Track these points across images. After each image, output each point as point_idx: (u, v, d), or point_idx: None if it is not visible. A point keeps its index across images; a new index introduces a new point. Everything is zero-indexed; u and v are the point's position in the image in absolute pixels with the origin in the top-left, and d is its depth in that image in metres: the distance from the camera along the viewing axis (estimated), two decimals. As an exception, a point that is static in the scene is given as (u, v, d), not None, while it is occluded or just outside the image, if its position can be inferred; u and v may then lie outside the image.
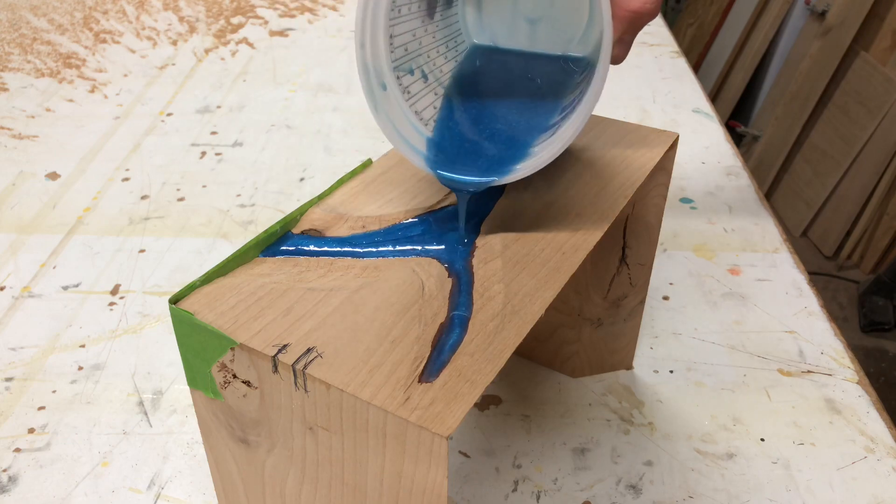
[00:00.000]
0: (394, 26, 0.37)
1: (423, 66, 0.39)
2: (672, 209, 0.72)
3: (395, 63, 0.37)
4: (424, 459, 0.27)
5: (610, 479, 0.47)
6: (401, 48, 0.38)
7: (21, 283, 0.62)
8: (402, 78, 0.38)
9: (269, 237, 0.35)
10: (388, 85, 0.37)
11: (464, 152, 0.37)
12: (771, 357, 0.56)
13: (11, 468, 0.47)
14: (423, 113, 0.38)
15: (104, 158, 0.79)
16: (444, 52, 0.41)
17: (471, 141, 0.38)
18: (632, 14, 0.33)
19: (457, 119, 0.39)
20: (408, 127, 0.37)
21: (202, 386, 0.33)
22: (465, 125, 0.39)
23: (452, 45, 0.42)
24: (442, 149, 0.37)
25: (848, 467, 0.47)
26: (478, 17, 0.42)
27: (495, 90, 0.41)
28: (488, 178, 0.35)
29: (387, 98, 0.37)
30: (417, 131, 0.37)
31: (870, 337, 1.52)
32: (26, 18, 1.13)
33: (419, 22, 0.39)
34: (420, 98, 0.39)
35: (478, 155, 0.37)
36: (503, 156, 0.37)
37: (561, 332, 0.53)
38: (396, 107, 0.37)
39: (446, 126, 0.39)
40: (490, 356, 0.29)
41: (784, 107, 1.78)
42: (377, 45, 0.36)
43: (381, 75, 0.37)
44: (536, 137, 0.37)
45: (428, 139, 0.37)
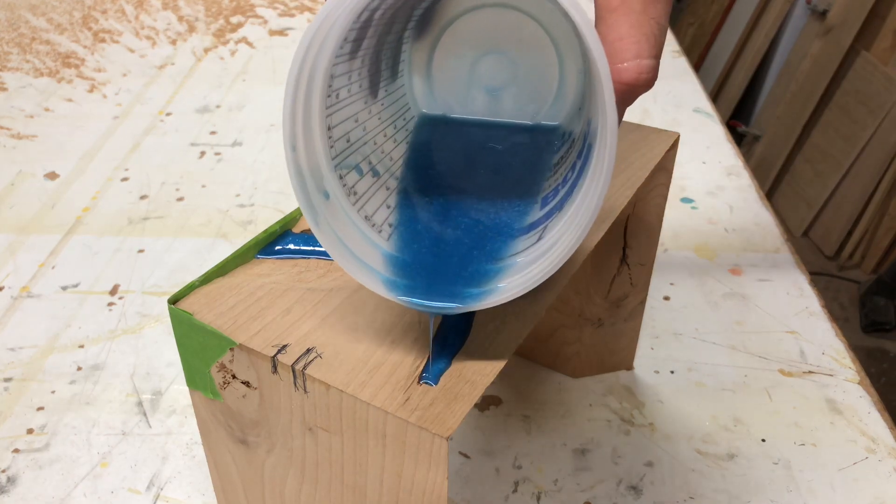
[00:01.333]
0: (331, 115, 0.29)
1: (371, 157, 0.32)
2: (672, 209, 0.72)
3: (335, 160, 0.29)
4: (424, 460, 0.27)
5: (610, 479, 0.47)
6: (342, 140, 0.30)
7: (20, 284, 0.62)
8: (345, 177, 0.30)
9: (269, 237, 0.35)
10: (331, 191, 0.29)
11: (429, 266, 0.30)
12: (772, 357, 0.55)
13: (10, 469, 0.47)
14: (375, 217, 0.31)
15: (103, 158, 0.79)
16: (392, 135, 0.34)
17: (437, 249, 0.31)
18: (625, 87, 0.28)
19: (416, 222, 0.32)
20: (358, 239, 0.29)
21: (201, 386, 0.33)
22: (427, 228, 0.31)
23: (401, 124, 0.34)
24: (403, 264, 0.30)
25: (849, 468, 0.47)
26: (427, 87, 0.36)
27: (457, 174, 0.34)
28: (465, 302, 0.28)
29: (330, 208, 0.29)
30: (370, 243, 0.30)
31: (871, 337, 1.52)
32: (25, 18, 1.13)
33: (361, 104, 0.31)
34: (369, 199, 0.31)
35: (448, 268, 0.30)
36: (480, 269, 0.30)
37: (561, 333, 0.52)
38: (342, 215, 0.29)
39: (405, 231, 0.31)
40: (490, 356, 0.29)
41: (785, 106, 1.78)
42: (313, 142, 0.28)
43: (320, 181, 0.28)
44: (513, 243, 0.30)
45: (385, 254, 0.30)
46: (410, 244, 0.31)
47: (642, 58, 0.27)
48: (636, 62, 0.27)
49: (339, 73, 0.28)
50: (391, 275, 0.29)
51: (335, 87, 0.29)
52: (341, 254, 0.28)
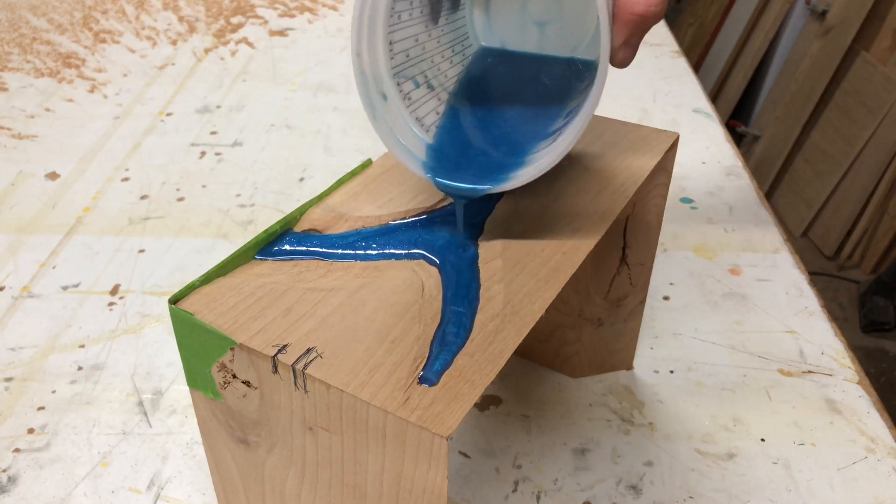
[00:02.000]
0: (393, 32, 0.36)
1: (427, 72, 0.39)
2: (672, 209, 0.72)
3: (395, 70, 0.36)
4: (424, 460, 0.27)
5: (610, 479, 0.47)
6: (401, 54, 0.37)
7: (20, 283, 0.62)
8: (402, 84, 0.37)
9: (269, 237, 0.35)
10: (389, 94, 0.36)
11: (463, 158, 0.37)
12: (771, 357, 0.55)
13: (11, 468, 0.47)
14: (425, 119, 0.38)
15: (104, 158, 0.79)
16: (449, 57, 0.40)
17: (471, 147, 0.37)
18: (637, 17, 0.32)
19: (459, 125, 0.38)
20: (408, 134, 0.37)
21: (202, 386, 0.33)
22: (466, 131, 0.38)
23: (459, 49, 0.41)
24: (441, 155, 0.37)
25: (848, 467, 0.47)
26: (486, 20, 0.42)
27: (501, 94, 0.40)
28: (483, 185, 0.35)
29: (387, 107, 0.36)
30: (417, 137, 0.37)
31: (870, 337, 1.52)
32: (26, 18, 1.13)
33: (422, 27, 0.38)
34: (422, 104, 0.38)
35: (476, 161, 0.36)
36: (502, 163, 0.36)
37: (561, 332, 0.53)
38: (396, 114, 0.36)
39: (447, 132, 0.38)
40: (490, 356, 0.29)
41: (784, 107, 1.78)
42: (375, 52, 0.35)
43: (380, 84, 0.36)
44: (537, 144, 0.37)
45: (427, 145, 0.37)
46: (450, 140, 0.37)
47: None
48: None
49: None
50: (430, 160, 0.36)
51: (397, 10, 0.36)
52: (390, 141, 0.36)
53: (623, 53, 0.34)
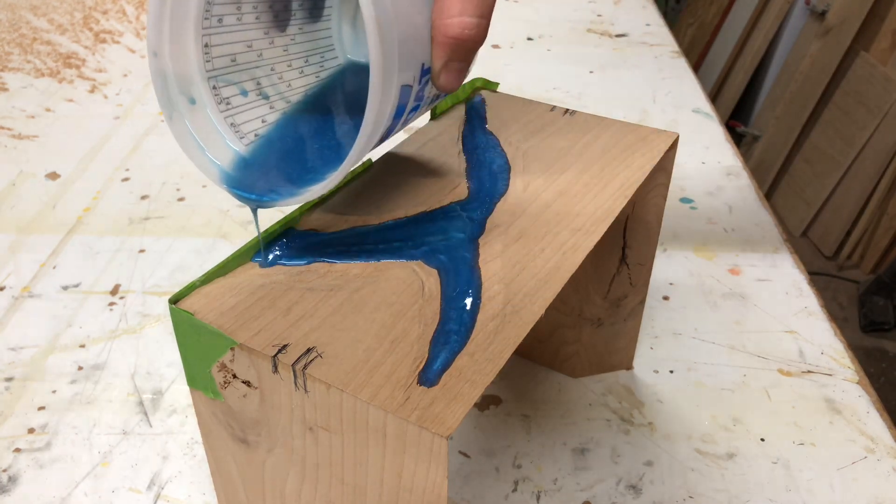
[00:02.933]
0: (210, 35, 0.33)
1: (262, 79, 0.36)
2: (672, 209, 0.72)
3: (211, 73, 0.34)
4: (424, 459, 0.27)
5: (610, 479, 0.47)
6: (224, 58, 0.35)
7: (21, 283, 0.62)
8: (221, 89, 0.35)
9: (269, 237, 0.35)
10: (199, 97, 0.34)
11: (273, 168, 0.35)
12: (771, 357, 0.56)
13: (11, 468, 0.47)
14: (244, 126, 0.35)
15: (104, 158, 0.79)
16: (299, 67, 0.38)
17: (286, 158, 0.35)
18: (451, 40, 0.31)
19: (285, 135, 0.36)
20: (214, 139, 0.34)
21: (202, 386, 0.33)
22: (289, 141, 0.36)
23: (316, 61, 0.39)
24: (248, 163, 0.35)
25: (848, 467, 0.47)
26: (353, 34, 0.40)
27: (345, 108, 0.38)
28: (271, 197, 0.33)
29: (193, 110, 0.34)
30: (226, 144, 0.35)
31: (870, 337, 1.52)
32: (26, 18, 1.13)
33: (260, 34, 0.36)
34: (244, 111, 0.36)
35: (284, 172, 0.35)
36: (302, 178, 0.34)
37: (561, 332, 0.53)
38: (204, 119, 0.34)
39: (267, 141, 0.36)
40: (490, 356, 0.29)
41: (784, 107, 1.78)
42: (184, 54, 0.33)
43: (187, 86, 0.34)
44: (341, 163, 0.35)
45: (235, 152, 0.35)
46: (266, 148, 0.35)
47: (465, 15, 0.30)
48: (460, 18, 0.30)
49: (220, 2, 0.33)
50: (232, 171, 0.34)
51: (216, 13, 0.33)
52: (190, 145, 0.33)
53: (444, 77, 0.32)
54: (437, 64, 0.32)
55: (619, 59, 1.01)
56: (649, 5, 1.19)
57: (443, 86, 0.33)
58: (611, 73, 0.98)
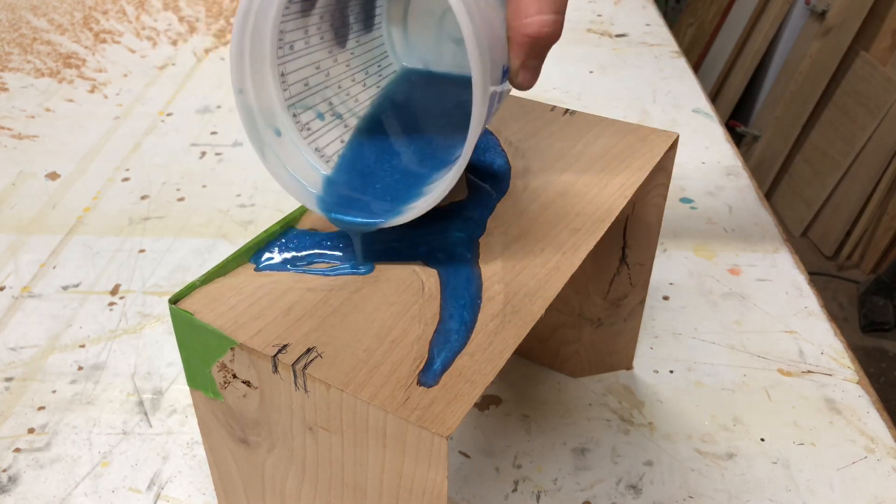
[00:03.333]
0: (284, 64, 0.33)
1: (332, 98, 0.36)
2: (672, 209, 0.72)
3: (290, 101, 0.34)
4: (424, 459, 0.27)
5: (610, 479, 0.47)
6: (298, 84, 0.34)
7: (21, 283, 0.62)
8: (300, 115, 0.34)
9: (269, 237, 0.35)
10: (283, 129, 0.34)
11: (361, 189, 0.34)
12: (771, 357, 0.56)
13: (11, 468, 0.47)
14: (326, 149, 0.35)
15: (104, 158, 0.79)
16: (362, 80, 0.38)
17: (371, 177, 0.35)
18: (530, 39, 0.31)
19: (362, 153, 0.36)
20: (303, 166, 0.34)
21: (202, 386, 0.33)
22: (369, 160, 0.36)
23: (374, 71, 0.38)
24: (337, 187, 0.34)
25: (848, 467, 0.47)
26: (404, 38, 0.39)
27: (415, 117, 0.38)
28: (376, 220, 0.33)
29: (280, 142, 0.33)
30: (314, 169, 0.34)
31: (870, 337, 1.52)
32: (26, 18, 1.13)
33: (325, 53, 0.35)
34: (324, 134, 0.35)
35: (374, 192, 0.34)
36: (400, 194, 0.34)
37: (561, 332, 0.53)
38: (291, 148, 0.34)
39: (348, 161, 0.36)
40: (490, 356, 0.29)
41: (784, 107, 1.78)
42: (264, 86, 0.33)
43: (271, 119, 0.33)
44: (437, 174, 0.35)
45: (324, 177, 0.35)
46: (349, 170, 0.35)
47: (543, 13, 0.30)
48: (538, 17, 0.30)
49: (290, 29, 0.33)
50: (325, 194, 0.34)
51: (288, 41, 0.33)
52: (285, 179, 0.33)
53: (522, 76, 0.33)
54: (516, 63, 0.32)
55: (619, 59, 1.01)
56: (649, 5, 1.19)
57: (521, 84, 0.33)
58: (611, 73, 0.98)
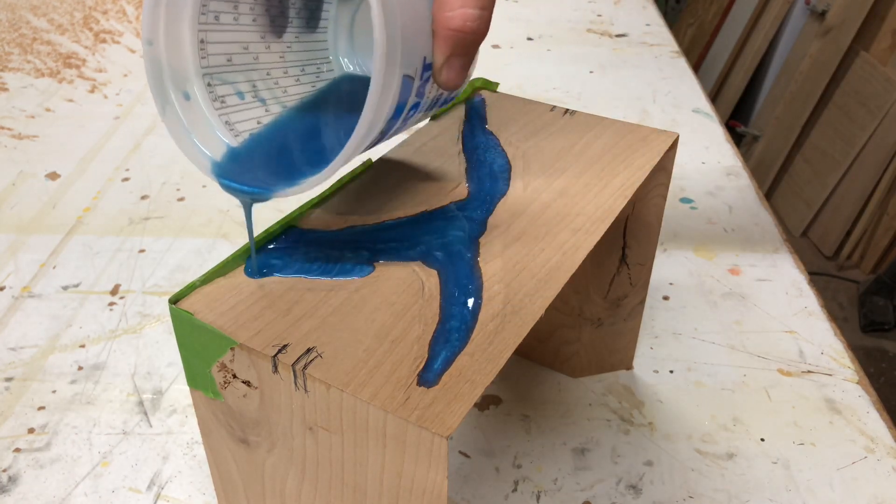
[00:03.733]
0: (207, 32, 0.34)
1: (257, 82, 0.37)
2: (672, 209, 0.72)
3: (206, 70, 0.34)
4: (424, 459, 0.27)
5: (610, 479, 0.47)
6: (220, 56, 0.35)
7: (21, 283, 0.62)
8: (217, 87, 0.35)
9: (269, 237, 0.35)
10: (193, 94, 0.34)
11: (263, 165, 0.35)
12: (771, 357, 0.56)
13: (11, 468, 0.47)
14: (239, 125, 0.36)
15: (104, 158, 0.79)
16: (295, 75, 0.39)
17: (277, 156, 0.36)
18: (453, 33, 0.30)
19: (276, 135, 0.37)
20: (207, 134, 0.35)
21: (202, 386, 0.33)
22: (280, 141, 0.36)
23: (312, 70, 0.39)
24: (240, 159, 0.35)
25: (848, 467, 0.47)
26: (349, 47, 0.41)
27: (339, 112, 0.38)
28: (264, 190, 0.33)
29: (188, 106, 0.34)
30: (218, 139, 0.35)
31: (870, 337, 1.52)
32: (26, 18, 1.13)
33: (256, 37, 0.36)
34: (239, 111, 0.36)
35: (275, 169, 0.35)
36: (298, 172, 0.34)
37: (561, 332, 0.53)
38: (198, 114, 0.34)
39: (259, 139, 0.36)
40: (490, 356, 0.29)
41: (784, 107, 1.78)
42: (179, 47, 0.33)
43: (182, 82, 0.34)
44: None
45: (229, 147, 0.35)
46: (257, 146, 0.36)
47: (467, 7, 0.30)
48: (462, 10, 0.30)
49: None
50: (224, 162, 0.34)
51: (213, 10, 0.34)
52: (182, 138, 0.34)
53: (446, 73, 0.32)
54: (439, 59, 0.31)
55: (619, 59, 1.01)
56: (649, 5, 1.19)
57: (444, 82, 0.32)
58: (611, 73, 0.98)
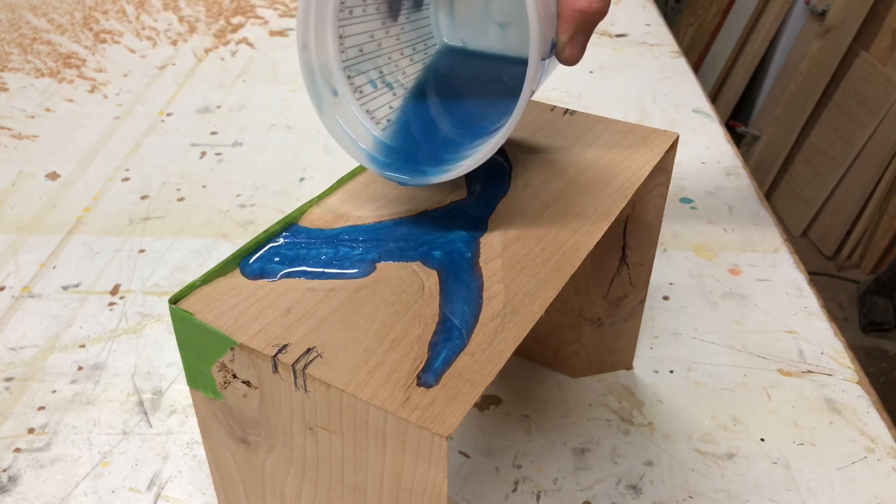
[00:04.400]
0: (344, 27, 0.37)
1: (383, 68, 0.40)
2: (672, 209, 0.72)
3: (346, 64, 0.38)
4: (424, 459, 0.27)
5: (610, 479, 0.47)
6: (354, 49, 0.38)
7: (21, 283, 0.62)
8: (353, 78, 0.38)
9: (269, 237, 0.35)
10: (339, 89, 0.37)
11: (410, 150, 0.38)
12: (771, 357, 0.56)
13: (11, 468, 0.47)
14: (377, 112, 0.39)
15: (104, 158, 0.79)
16: (409, 55, 0.41)
17: (419, 140, 0.38)
18: (578, 14, 0.33)
19: (411, 119, 0.39)
20: (356, 125, 0.38)
21: (202, 386, 0.33)
22: (418, 125, 0.39)
23: (421, 48, 0.42)
24: (388, 147, 0.38)
25: (848, 467, 0.47)
26: (450, 20, 0.43)
27: (459, 92, 0.41)
28: (423, 177, 0.36)
29: (337, 101, 0.37)
30: (366, 129, 0.38)
31: (870, 337, 1.52)
32: (26, 18, 1.13)
33: (378, 23, 0.39)
34: (374, 98, 0.39)
35: (422, 153, 0.38)
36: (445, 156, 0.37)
37: (561, 332, 0.53)
38: (346, 108, 0.38)
39: (398, 125, 0.39)
40: (490, 356, 0.29)
41: (784, 107, 1.78)
42: (325, 46, 0.36)
43: (329, 78, 0.37)
44: (475, 140, 0.37)
45: (375, 137, 0.38)
46: (399, 133, 0.38)
47: None
48: None
49: None
50: (377, 154, 0.37)
51: (348, 5, 0.36)
52: (339, 134, 0.37)
53: (569, 51, 0.34)
54: (564, 37, 0.33)
55: (619, 59, 1.01)
56: (649, 5, 1.19)
57: (567, 58, 0.35)
58: (611, 73, 0.98)
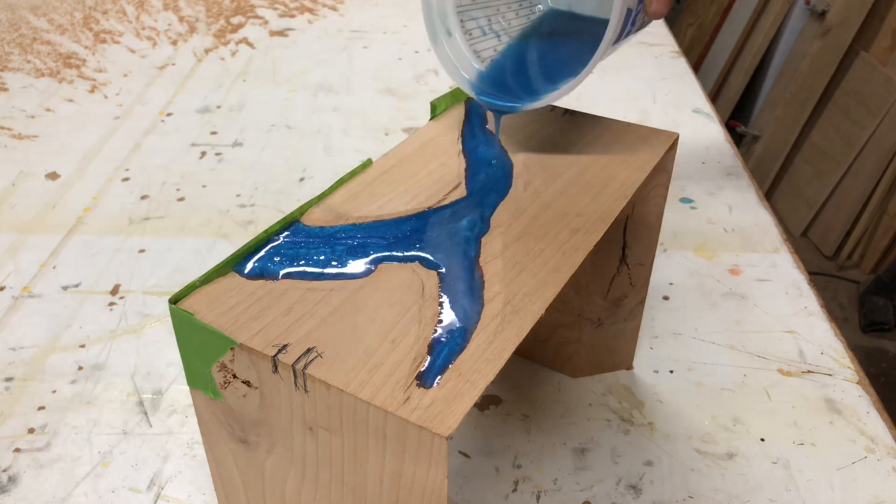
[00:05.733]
0: None
1: (491, 17, 0.47)
2: (672, 209, 0.72)
3: (460, 9, 0.44)
4: (424, 459, 0.27)
5: (610, 479, 0.47)
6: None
7: (21, 283, 0.62)
8: (465, 22, 0.45)
9: (269, 237, 0.35)
10: (453, 30, 0.44)
11: (507, 84, 0.44)
12: (771, 357, 0.56)
13: (11, 468, 0.47)
14: (483, 53, 0.45)
15: (104, 158, 0.79)
16: (515, 9, 0.48)
17: (516, 77, 0.45)
18: None
19: (511, 60, 0.46)
20: (464, 61, 0.45)
21: (202, 386, 0.33)
22: (515, 65, 0.46)
23: (526, 5, 0.49)
24: (489, 80, 0.44)
25: (848, 467, 0.47)
26: None
27: (557, 44, 0.47)
28: (516, 104, 0.42)
29: (450, 41, 0.44)
30: (471, 65, 0.45)
31: (870, 337, 1.52)
32: (26, 18, 1.13)
33: None
34: (482, 41, 0.46)
35: (517, 87, 0.44)
36: (536, 89, 0.43)
37: (561, 332, 0.53)
38: (456, 46, 0.45)
39: (499, 64, 0.45)
40: (490, 356, 0.29)
41: (784, 107, 1.78)
42: None
43: (445, 20, 0.44)
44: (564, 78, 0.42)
45: (479, 72, 0.44)
46: (499, 69, 0.45)
47: None
48: None
49: None
50: (478, 83, 0.44)
51: None
52: (449, 66, 0.44)
53: (656, 5, 0.39)
54: None
55: (619, 60, 1.01)
56: (649, 5, 1.19)
57: (654, 12, 0.39)
58: (611, 73, 0.98)
